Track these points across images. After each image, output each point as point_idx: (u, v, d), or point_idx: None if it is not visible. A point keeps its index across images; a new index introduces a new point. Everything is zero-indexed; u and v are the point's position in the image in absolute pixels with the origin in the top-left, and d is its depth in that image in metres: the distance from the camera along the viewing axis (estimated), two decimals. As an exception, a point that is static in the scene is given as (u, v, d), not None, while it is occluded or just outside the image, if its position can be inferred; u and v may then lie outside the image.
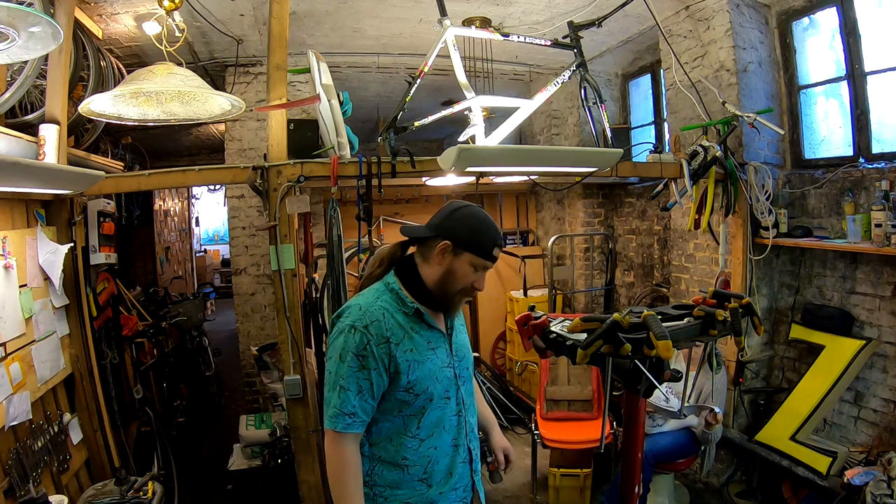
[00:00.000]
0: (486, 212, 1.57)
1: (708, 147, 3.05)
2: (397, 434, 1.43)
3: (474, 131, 2.82)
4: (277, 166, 2.61)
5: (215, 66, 4.31)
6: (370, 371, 1.36)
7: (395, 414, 1.43)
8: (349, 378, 1.35)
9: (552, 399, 3.50)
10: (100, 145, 4.07)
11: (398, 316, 1.43)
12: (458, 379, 1.52)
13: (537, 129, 5.68)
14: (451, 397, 1.49)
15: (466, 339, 1.64)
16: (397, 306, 1.45)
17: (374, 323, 1.38)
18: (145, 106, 2.41)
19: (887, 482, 2.38)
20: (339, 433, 1.35)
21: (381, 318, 1.40)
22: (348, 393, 1.35)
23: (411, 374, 1.40)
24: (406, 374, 1.39)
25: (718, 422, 2.87)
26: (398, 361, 1.38)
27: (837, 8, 3.05)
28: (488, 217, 1.54)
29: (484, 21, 3.75)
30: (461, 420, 1.52)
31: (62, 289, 2.42)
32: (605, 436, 1.93)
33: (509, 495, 3.53)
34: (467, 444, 1.54)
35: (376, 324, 1.38)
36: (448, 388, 1.48)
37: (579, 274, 5.12)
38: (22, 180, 1.91)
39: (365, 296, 1.48)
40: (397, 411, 1.42)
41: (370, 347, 1.36)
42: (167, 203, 8.69)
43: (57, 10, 2.25)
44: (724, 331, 1.69)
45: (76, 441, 2.45)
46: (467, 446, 1.54)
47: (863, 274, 2.98)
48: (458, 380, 1.52)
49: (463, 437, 1.52)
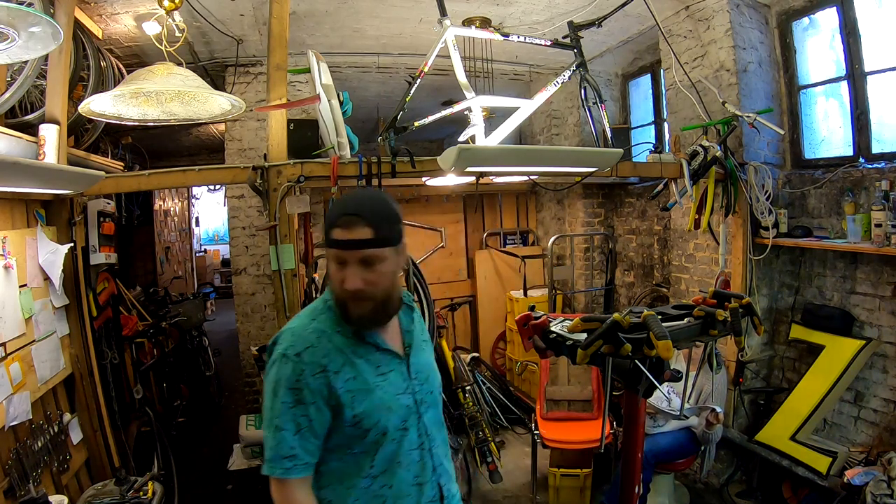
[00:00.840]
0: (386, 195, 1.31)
1: (708, 147, 3.05)
2: (349, 476, 1.22)
3: (474, 131, 2.82)
4: (277, 166, 2.61)
5: (215, 66, 4.30)
6: (307, 406, 1.16)
7: (345, 452, 1.21)
8: (284, 415, 1.16)
9: (552, 399, 3.50)
10: (100, 145, 4.07)
11: (336, 338, 1.22)
12: (420, 406, 1.29)
13: (537, 129, 5.69)
14: (409, 428, 1.26)
15: (430, 356, 1.40)
16: (335, 327, 1.23)
17: (307, 349, 1.18)
18: (145, 106, 2.41)
19: (887, 482, 2.38)
20: (280, 480, 1.16)
21: (316, 343, 1.19)
22: (284, 433, 1.15)
23: (356, 406, 1.18)
24: (350, 408, 1.18)
25: (719, 421, 2.88)
26: (338, 393, 1.18)
27: (837, 8, 3.05)
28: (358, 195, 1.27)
29: (484, 21, 3.75)
30: (424, 454, 1.28)
31: (62, 289, 2.42)
32: (605, 436, 1.93)
33: (509, 495, 3.53)
34: (436, 482, 1.30)
35: (310, 350, 1.18)
36: (406, 417, 1.26)
37: (579, 274, 5.12)
38: (22, 180, 1.91)
39: (300, 317, 1.29)
40: (347, 449, 1.21)
41: (304, 378, 1.16)
42: (167, 203, 8.69)
43: (57, 10, 2.25)
44: (724, 331, 1.69)
45: (76, 441, 2.45)
46: (436, 483, 1.30)
47: (863, 274, 2.98)
48: (420, 406, 1.29)
49: (428, 474, 1.28)
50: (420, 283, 3.55)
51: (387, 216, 1.23)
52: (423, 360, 1.36)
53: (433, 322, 3.52)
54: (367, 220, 1.19)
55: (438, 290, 5.17)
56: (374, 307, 1.22)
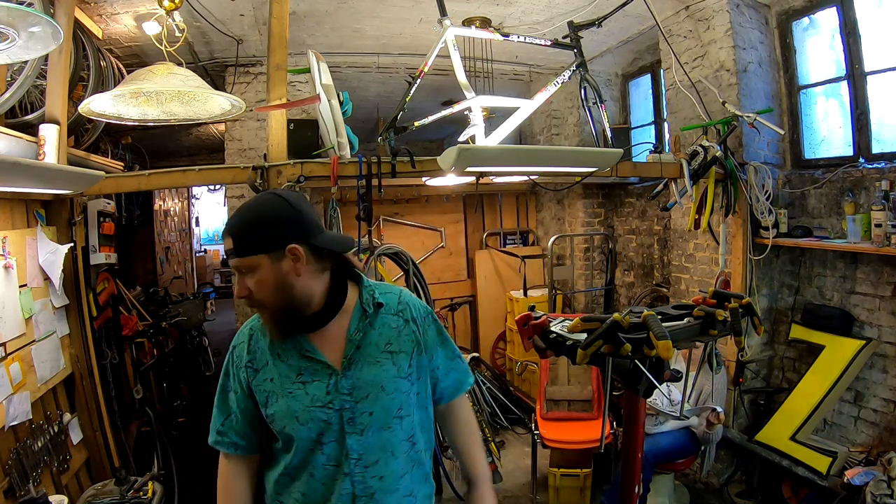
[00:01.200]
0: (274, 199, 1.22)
1: (708, 147, 3.05)
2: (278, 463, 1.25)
3: (474, 131, 2.82)
4: (277, 166, 2.60)
5: (215, 66, 4.31)
6: (229, 394, 1.27)
7: (275, 440, 1.26)
8: (219, 397, 1.29)
9: (552, 399, 3.50)
10: (100, 145, 4.07)
11: (265, 339, 1.25)
12: (346, 424, 1.18)
13: (537, 129, 5.69)
14: (325, 444, 1.19)
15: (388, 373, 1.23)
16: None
17: (239, 344, 1.28)
18: (145, 106, 2.41)
19: (887, 482, 2.38)
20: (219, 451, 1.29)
21: (246, 340, 1.27)
22: (216, 411, 1.29)
23: (269, 406, 1.21)
24: (264, 406, 1.22)
25: (720, 421, 2.88)
26: (256, 391, 1.23)
27: (837, 8, 3.05)
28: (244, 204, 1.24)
29: (484, 21, 3.75)
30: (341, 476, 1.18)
31: (62, 289, 2.42)
32: (605, 436, 1.93)
33: (509, 495, 3.53)
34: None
35: (241, 345, 1.27)
36: (322, 431, 1.18)
37: (579, 274, 5.12)
38: (22, 180, 1.91)
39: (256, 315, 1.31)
40: (274, 439, 1.25)
41: (233, 369, 1.27)
42: (167, 203, 8.68)
43: (57, 10, 2.24)
44: (724, 331, 1.69)
45: (76, 441, 2.45)
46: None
47: (863, 274, 2.98)
48: (346, 425, 1.18)
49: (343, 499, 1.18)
50: (420, 283, 3.55)
51: (254, 224, 1.17)
52: (369, 375, 1.21)
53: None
54: (230, 231, 1.18)
55: (438, 290, 5.17)
56: (271, 315, 1.19)
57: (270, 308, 1.18)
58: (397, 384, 1.23)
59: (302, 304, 1.19)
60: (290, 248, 1.14)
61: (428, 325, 1.34)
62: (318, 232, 1.20)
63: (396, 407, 1.23)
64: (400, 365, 1.25)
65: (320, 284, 1.21)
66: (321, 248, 1.19)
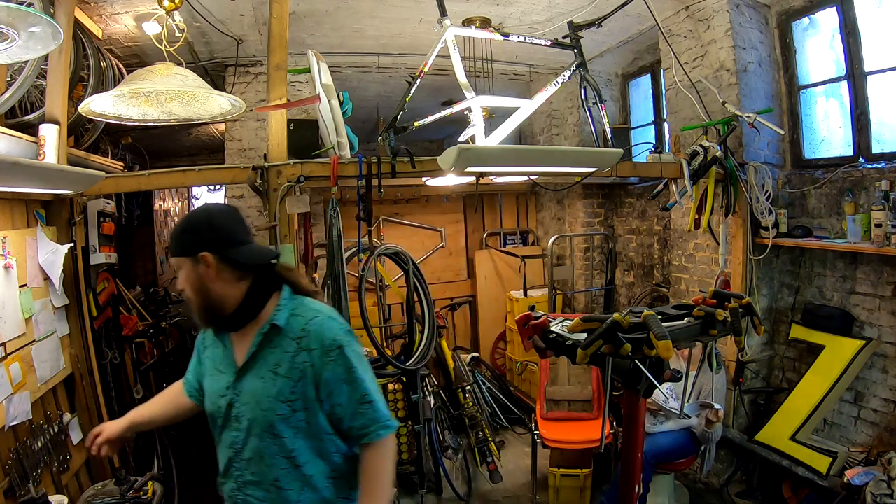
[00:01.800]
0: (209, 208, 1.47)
1: (708, 147, 3.05)
2: None
3: (474, 131, 2.82)
4: (277, 166, 2.61)
5: (215, 66, 4.30)
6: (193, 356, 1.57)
7: None
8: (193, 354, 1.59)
9: (552, 399, 3.50)
10: (100, 145, 4.07)
11: None
12: (233, 419, 1.35)
13: (537, 129, 5.68)
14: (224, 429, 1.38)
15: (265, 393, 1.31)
16: None
17: None
18: (145, 106, 2.41)
19: (887, 482, 2.38)
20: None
21: None
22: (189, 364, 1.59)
23: (203, 380, 1.49)
24: (202, 378, 1.50)
25: (720, 419, 2.88)
26: (202, 362, 1.51)
27: (837, 8, 3.05)
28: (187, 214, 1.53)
29: (484, 21, 3.75)
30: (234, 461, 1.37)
31: (62, 289, 2.42)
32: (605, 436, 1.93)
33: (509, 495, 3.53)
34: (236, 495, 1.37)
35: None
36: (219, 419, 1.39)
37: (579, 274, 5.12)
38: (22, 180, 1.91)
39: None
40: None
41: (198, 340, 1.56)
42: (167, 203, 8.67)
43: (57, 10, 2.24)
44: (724, 331, 1.69)
45: (76, 441, 2.45)
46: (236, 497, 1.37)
47: (863, 274, 2.98)
48: (232, 420, 1.36)
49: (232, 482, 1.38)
50: (420, 283, 3.55)
51: (181, 231, 1.37)
52: (251, 387, 1.33)
53: (433, 323, 3.52)
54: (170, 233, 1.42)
55: (438, 290, 5.17)
56: (195, 308, 1.38)
57: (193, 302, 1.37)
58: (273, 405, 1.30)
59: (216, 306, 1.35)
60: (201, 256, 1.31)
61: (330, 360, 1.30)
62: (236, 245, 1.34)
63: (268, 424, 1.31)
64: (280, 388, 1.31)
65: (236, 292, 1.35)
66: (236, 260, 1.33)
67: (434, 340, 3.53)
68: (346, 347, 1.32)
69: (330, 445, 1.35)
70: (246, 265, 1.35)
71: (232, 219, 1.39)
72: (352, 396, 1.31)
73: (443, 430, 3.78)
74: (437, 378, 4.26)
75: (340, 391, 1.31)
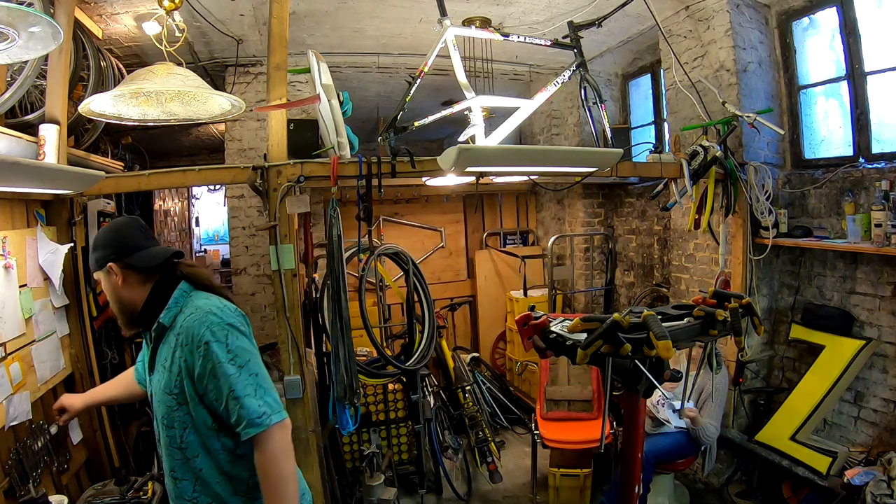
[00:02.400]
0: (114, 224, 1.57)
1: (708, 147, 3.05)
2: None
3: (474, 131, 2.82)
4: (277, 166, 2.60)
5: (215, 66, 4.30)
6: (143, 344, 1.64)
7: None
8: None
9: (552, 399, 3.51)
10: (100, 145, 4.06)
11: None
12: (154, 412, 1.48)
13: (537, 129, 5.69)
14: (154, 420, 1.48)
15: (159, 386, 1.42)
16: None
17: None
18: (145, 106, 2.40)
19: (887, 482, 2.38)
20: None
21: None
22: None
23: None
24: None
25: (691, 416, 2.88)
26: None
27: (837, 8, 3.05)
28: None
29: (484, 21, 3.75)
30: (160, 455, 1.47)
31: (62, 289, 2.42)
32: (605, 436, 1.93)
33: (509, 495, 3.53)
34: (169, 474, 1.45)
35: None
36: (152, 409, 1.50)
37: (579, 274, 5.12)
38: (22, 180, 1.90)
39: None
40: None
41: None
42: (167, 203, 8.66)
43: (57, 10, 2.24)
44: (724, 331, 1.69)
45: (76, 441, 2.45)
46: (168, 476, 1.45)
47: (863, 274, 2.98)
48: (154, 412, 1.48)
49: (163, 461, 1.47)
50: (420, 283, 3.55)
51: (92, 248, 1.50)
52: (156, 381, 1.45)
53: (433, 323, 3.52)
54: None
55: (438, 290, 5.18)
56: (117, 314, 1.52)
57: (113, 309, 1.51)
58: (163, 398, 1.41)
59: (129, 309, 1.48)
60: (108, 267, 1.44)
61: (199, 357, 1.33)
62: (136, 251, 1.46)
63: (162, 415, 1.41)
64: (167, 382, 1.40)
65: (143, 293, 1.46)
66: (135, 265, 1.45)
67: (434, 340, 3.53)
68: (212, 343, 1.33)
69: (214, 441, 1.38)
70: (146, 268, 1.46)
71: (131, 228, 1.51)
72: (220, 392, 1.33)
73: (443, 430, 3.79)
74: (437, 378, 4.27)
75: (211, 387, 1.33)
